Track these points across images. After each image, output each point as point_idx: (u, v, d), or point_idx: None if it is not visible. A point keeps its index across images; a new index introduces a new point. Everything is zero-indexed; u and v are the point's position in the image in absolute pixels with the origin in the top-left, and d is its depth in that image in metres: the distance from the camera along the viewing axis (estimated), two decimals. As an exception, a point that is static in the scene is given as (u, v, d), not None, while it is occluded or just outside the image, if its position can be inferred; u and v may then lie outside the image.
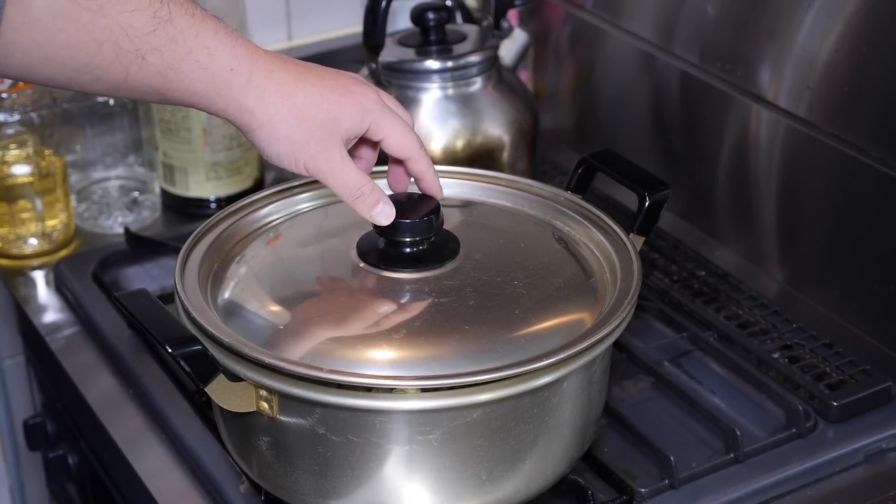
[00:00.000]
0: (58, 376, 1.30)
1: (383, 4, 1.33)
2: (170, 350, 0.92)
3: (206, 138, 1.43)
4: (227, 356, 0.94)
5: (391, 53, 1.37)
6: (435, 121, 1.35)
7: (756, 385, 1.19)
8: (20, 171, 1.41)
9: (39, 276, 1.40)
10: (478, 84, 1.37)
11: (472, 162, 1.35)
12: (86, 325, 1.31)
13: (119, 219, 1.47)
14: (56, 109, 1.45)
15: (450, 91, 1.36)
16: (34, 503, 1.61)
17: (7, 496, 1.61)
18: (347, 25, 1.69)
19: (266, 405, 0.96)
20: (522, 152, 1.40)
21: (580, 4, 1.54)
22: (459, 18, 1.47)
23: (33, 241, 1.43)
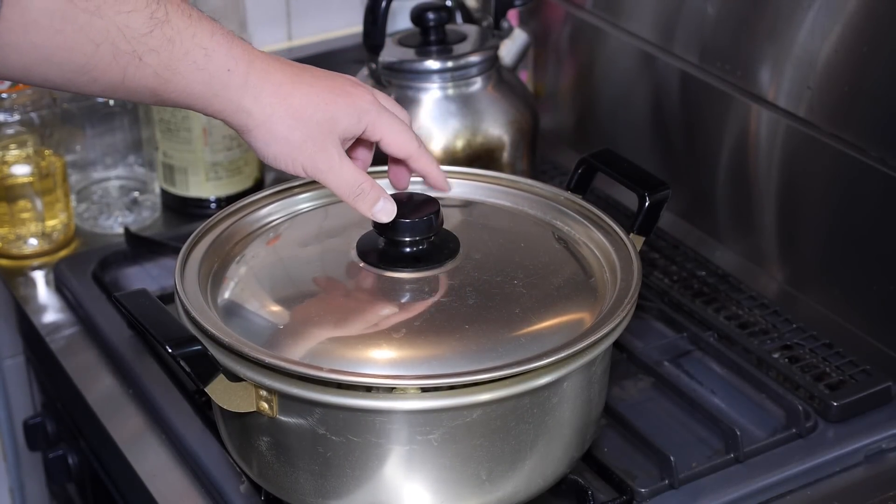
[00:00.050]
0: (58, 376, 1.30)
1: (383, 4, 1.32)
2: (170, 350, 0.92)
3: (206, 138, 1.43)
4: (227, 356, 0.94)
5: (391, 53, 1.36)
6: (435, 121, 1.35)
7: (756, 385, 1.19)
8: (20, 171, 1.41)
9: (39, 276, 1.40)
10: (478, 84, 1.37)
11: (472, 162, 1.34)
12: (86, 325, 1.31)
13: (119, 219, 1.47)
14: (56, 109, 1.45)
15: (450, 91, 1.36)
16: (34, 503, 1.61)
17: (7, 496, 1.61)
18: (347, 25, 1.69)
19: (266, 405, 0.95)
20: (522, 152, 1.40)
21: (580, 4, 1.54)
22: (459, 18, 1.47)
23: (33, 241, 1.43)
